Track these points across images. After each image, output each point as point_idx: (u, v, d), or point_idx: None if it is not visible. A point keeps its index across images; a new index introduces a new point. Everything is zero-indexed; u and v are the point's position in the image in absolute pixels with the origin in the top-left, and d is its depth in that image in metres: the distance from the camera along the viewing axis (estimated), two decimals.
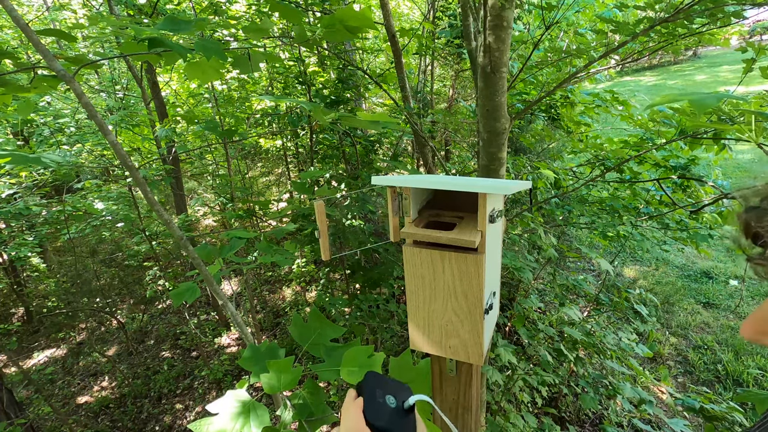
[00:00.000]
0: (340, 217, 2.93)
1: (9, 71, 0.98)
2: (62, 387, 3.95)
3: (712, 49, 16.33)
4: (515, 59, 3.01)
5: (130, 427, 3.44)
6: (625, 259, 5.38)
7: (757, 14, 4.24)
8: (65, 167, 3.50)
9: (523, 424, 2.15)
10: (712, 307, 4.31)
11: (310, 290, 4.97)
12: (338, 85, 3.28)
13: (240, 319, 1.32)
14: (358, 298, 3.04)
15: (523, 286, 3.22)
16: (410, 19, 6.40)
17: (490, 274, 0.74)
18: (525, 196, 3.06)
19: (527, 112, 2.34)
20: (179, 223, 3.54)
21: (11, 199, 3.60)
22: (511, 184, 0.67)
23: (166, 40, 0.98)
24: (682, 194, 2.55)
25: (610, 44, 2.12)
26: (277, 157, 6.20)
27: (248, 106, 4.28)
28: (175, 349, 4.36)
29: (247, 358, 1.03)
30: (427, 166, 2.81)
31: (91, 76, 5.96)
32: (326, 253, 0.78)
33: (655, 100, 0.82)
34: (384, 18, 2.42)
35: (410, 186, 0.72)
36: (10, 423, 2.57)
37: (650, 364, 3.63)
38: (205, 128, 2.69)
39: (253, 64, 1.19)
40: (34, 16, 5.78)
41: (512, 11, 1.42)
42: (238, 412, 0.88)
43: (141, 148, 5.25)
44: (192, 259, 1.23)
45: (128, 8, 3.17)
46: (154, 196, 1.11)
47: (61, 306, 4.92)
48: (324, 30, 1.11)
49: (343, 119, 1.11)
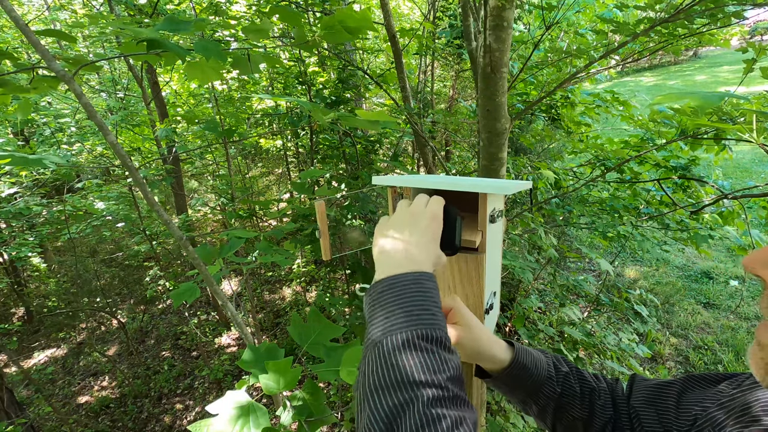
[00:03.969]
0: (340, 217, 2.93)
1: (8, 72, 0.98)
2: (62, 387, 3.95)
3: (712, 49, 16.33)
4: (515, 59, 3.01)
5: (131, 426, 3.44)
6: (625, 260, 5.38)
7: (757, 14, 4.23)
8: (65, 167, 3.50)
9: (523, 425, 2.15)
10: (712, 307, 4.31)
11: (310, 290, 4.97)
12: (338, 85, 3.28)
13: (240, 319, 1.32)
14: (358, 298, 3.03)
15: (524, 286, 3.22)
16: (410, 19, 6.40)
17: (491, 274, 0.74)
18: (525, 196, 3.06)
19: (527, 112, 2.34)
20: (179, 223, 3.55)
21: (11, 199, 3.60)
22: (511, 185, 0.67)
23: (164, 40, 0.98)
24: (682, 194, 2.55)
25: (610, 44, 2.11)
26: (278, 157, 6.20)
27: (248, 106, 4.28)
28: (175, 348, 4.36)
29: (246, 358, 1.03)
30: (428, 166, 2.81)
31: (92, 76, 5.96)
32: (327, 252, 0.78)
33: (656, 99, 0.82)
34: (384, 18, 2.42)
35: (411, 186, 0.72)
36: (10, 423, 2.57)
37: (650, 364, 3.63)
38: (205, 128, 2.69)
39: (253, 65, 1.19)
40: (35, 16, 5.79)
41: (512, 11, 1.42)
42: (237, 413, 0.88)
43: (141, 148, 5.25)
44: (192, 260, 1.23)
45: (128, 8, 3.17)
46: (153, 197, 1.11)
47: (61, 306, 4.92)
48: (324, 31, 1.11)
49: (343, 119, 1.11)
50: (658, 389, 0.55)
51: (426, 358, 0.39)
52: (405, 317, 0.42)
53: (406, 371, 0.38)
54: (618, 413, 0.58)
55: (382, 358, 0.40)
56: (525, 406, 0.62)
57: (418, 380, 0.37)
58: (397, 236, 0.52)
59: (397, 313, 0.43)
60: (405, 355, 0.39)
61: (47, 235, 4.09)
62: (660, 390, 0.55)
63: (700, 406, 0.48)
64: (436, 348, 0.41)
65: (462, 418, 0.36)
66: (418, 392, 0.37)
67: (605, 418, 0.58)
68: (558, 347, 2.43)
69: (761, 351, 0.38)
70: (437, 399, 0.37)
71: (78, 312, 4.73)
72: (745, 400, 0.41)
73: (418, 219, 0.54)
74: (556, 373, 0.61)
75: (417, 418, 0.35)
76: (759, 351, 0.38)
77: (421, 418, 0.35)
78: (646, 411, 0.54)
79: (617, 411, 0.59)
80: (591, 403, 0.59)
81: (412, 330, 0.41)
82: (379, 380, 0.38)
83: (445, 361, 0.40)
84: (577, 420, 0.59)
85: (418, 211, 0.55)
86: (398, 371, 0.38)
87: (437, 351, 0.40)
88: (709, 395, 0.48)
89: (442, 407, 0.36)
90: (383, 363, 0.39)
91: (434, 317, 0.43)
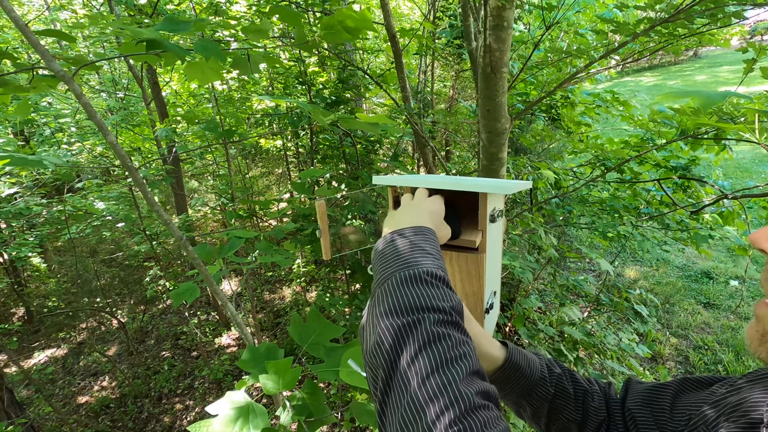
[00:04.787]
0: (340, 217, 2.93)
1: (8, 72, 0.98)
2: (63, 387, 3.95)
3: (712, 49, 16.33)
4: (516, 59, 3.01)
5: (131, 426, 3.44)
6: (625, 260, 5.38)
7: (757, 14, 4.24)
8: (65, 167, 3.50)
9: (523, 425, 2.15)
10: (712, 307, 4.31)
11: (310, 290, 4.97)
12: (338, 85, 3.28)
13: (240, 320, 1.32)
14: (358, 298, 3.04)
15: (524, 286, 3.22)
16: (410, 19, 6.40)
17: (491, 273, 0.74)
18: (525, 196, 3.06)
19: (527, 112, 2.34)
20: (179, 223, 3.54)
21: (12, 199, 3.60)
22: (511, 184, 0.67)
23: (164, 41, 0.98)
24: (682, 195, 2.55)
25: (610, 45, 2.11)
26: (278, 157, 6.20)
27: (248, 106, 4.28)
28: (175, 348, 4.36)
29: (246, 358, 1.03)
30: (428, 166, 2.81)
31: (92, 76, 5.96)
32: (327, 252, 0.77)
33: (656, 99, 0.82)
34: (384, 18, 2.42)
35: (411, 186, 0.72)
36: (10, 422, 2.57)
37: (651, 364, 3.63)
38: (205, 128, 2.69)
39: (253, 65, 1.19)
40: (35, 17, 5.79)
41: (512, 11, 1.42)
42: (237, 413, 0.88)
43: (141, 148, 5.25)
44: (192, 260, 1.23)
45: (128, 8, 3.17)
46: (153, 197, 1.11)
47: (61, 306, 4.92)
48: (324, 31, 1.11)
49: (343, 121, 1.11)
50: (653, 391, 0.56)
51: (432, 289, 0.43)
52: (410, 259, 0.47)
53: (414, 298, 0.41)
54: (611, 416, 0.59)
55: (391, 288, 0.43)
56: (518, 407, 0.63)
57: (425, 305, 0.41)
58: (402, 216, 0.59)
59: (403, 257, 0.47)
60: (412, 285, 0.43)
61: (47, 235, 4.09)
62: (655, 392, 0.55)
63: (694, 406, 0.49)
64: (440, 283, 0.44)
65: (464, 340, 0.39)
66: (424, 315, 0.40)
67: (599, 420, 0.59)
68: (558, 347, 2.43)
69: (757, 324, 0.41)
70: (443, 321, 0.40)
71: (78, 312, 4.73)
72: (735, 399, 0.43)
73: (420, 204, 0.61)
74: (549, 374, 0.61)
75: (424, 335, 0.38)
76: (755, 324, 0.41)
77: (428, 335, 0.37)
78: (642, 412, 0.54)
79: (610, 413, 0.59)
80: (584, 405, 0.60)
81: (417, 268, 0.45)
82: (388, 306, 0.41)
83: (448, 294, 0.44)
84: (571, 422, 0.59)
85: (419, 199, 0.63)
86: (407, 298, 0.41)
87: (440, 286, 0.44)
88: (703, 396, 0.49)
89: (447, 328, 0.39)
90: (392, 292, 0.43)
91: (436, 260, 0.48)
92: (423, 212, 0.59)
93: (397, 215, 0.61)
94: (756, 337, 0.41)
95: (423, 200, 0.62)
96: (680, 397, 0.52)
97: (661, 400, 0.53)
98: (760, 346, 0.40)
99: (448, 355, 0.36)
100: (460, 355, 0.36)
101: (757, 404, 0.38)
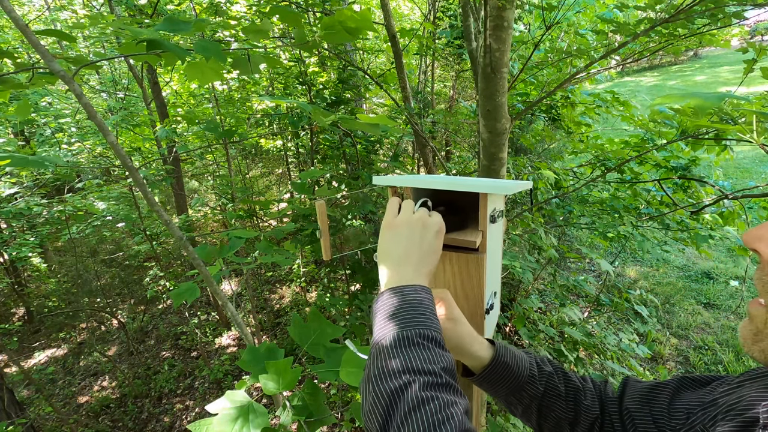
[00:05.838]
0: (340, 217, 2.93)
1: (8, 72, 0.98)
2: (63, 387, 3.95)
3: (712, 49, 16.33)
4: (516, 59, 3.00)
5: (131, 426, 3.44)
6: (625, 260, 5.38)
7: (757, 15, 4.24)
8: (66, 167, 3.50)
9: (523, 425, 2.15)
10: (712, 307, 4.31)
11: (310, 290, 4.97)
12: (339, 85, 3.28)
13: (240, 320, 1.32)
14: (359, 298, 3.04)
15: (524, 286, 3.22)
16: (411, 19, 6.40)
17: (491, 274, 0.74)
18: (525, 196, 3.06)
19: (528, 112, 2.34)
20: (179, 223, 3.55)
21: (12, 199, 3.60)
22: (511, 185, 0.67)
23: (164, 41, 0.98)
24: (682, 195, 2.55)
25: (610, 45, 2.11)
26: (278, 158, 6.20)
27: (248, 106, 4.29)
28: (175, 349, 4.36)
29: (246, 359, 1.03)
30: (428, 167, 2.81)
31: (92, 77, 5.97)
32: (327, 252, 0.77)
33: (656, 99, 0.82)
34: (384, 18, 2.42)
35: (411, 186, 0.72)
36: (10, 422, 2.57)
37: (650, 364, 3.63)
38: (205, 129, 2.69)
39: (253, 66, 1.19)
40: (35, 17, 5.79)
41: (513, 11, 1.42)
42: (237, 413, 0.88)
43: (142, 148, 5.26)
44: (192, 260, 1.23)
45: (129, 8, 3.17)
46: (153, 197, 1.11)
47: (61, 306, 4.92)
48: (324, 32, 1.11)
49: (343, 122, 1.11)
50: (651, 390, 0.56)
51: (423, 351, 0.45)
52: (406, 321, 0.48)
53: (405, 360, 0.43)
54: (607, 414, 0.59)
55: (385, 350, 0.45)
56: (509, 405, 0.63)
57: (416, 368, 0.43)
58: (404, 244, 0.57)
59: (398, 317, 0.49)
60: (405, 348, 0.45)
61: (47, 235, 4.09)
62: (654, 391, 0.56)
63: (692, 405, 0.49)
64: (432, 345, 0.46)
65: (453, 401, 0.40)
66: (415, 377, 0.42)
67: (591, 418, 0.59)
68: (558, 347, 2.43)
69: (750, 323, 0.41)
70: (432, 384, 0.42)
71: (78, 312, 4.73)
72: (731, 398, 0.43)
73: (427, 229, 0.58)
74: (539, 372, 0.62)
75: (413, 399, 0.40)
76: (749, 323, 0.42)
77: (416, 399, 0.39)
78: (640, 411, 0.55)
79: (606, 411, 0.59)
80: (576, 403, 0.60)
81: (411, 329, 0.47)
82: (382, 368, 0.43)
83: (440, 355, 0.45)
84: (562, 420, 0.60)
85: (426, 223, 0.59)
86: (399, 361, 0.43)
87: (433, 347, 0.46)
88: (701, 395, 0.50)
89: (436, 391, 0.41)
90: (386, 354, 0.45)
91: (431, 321, 0.49)
92: (428, 238, 0.57)
93: (399, 229, 0.58)
94: (749, 336, 0.41)
95: (430, 223, 0.59)
96: (678, 396, 0.53)
97: (659, 399, 0.54)
98: (754, 344, 0.41)
99: (435, 419, 0.38)
100: (447, 418, 0.38)
101: (753, 403, 0.39)
